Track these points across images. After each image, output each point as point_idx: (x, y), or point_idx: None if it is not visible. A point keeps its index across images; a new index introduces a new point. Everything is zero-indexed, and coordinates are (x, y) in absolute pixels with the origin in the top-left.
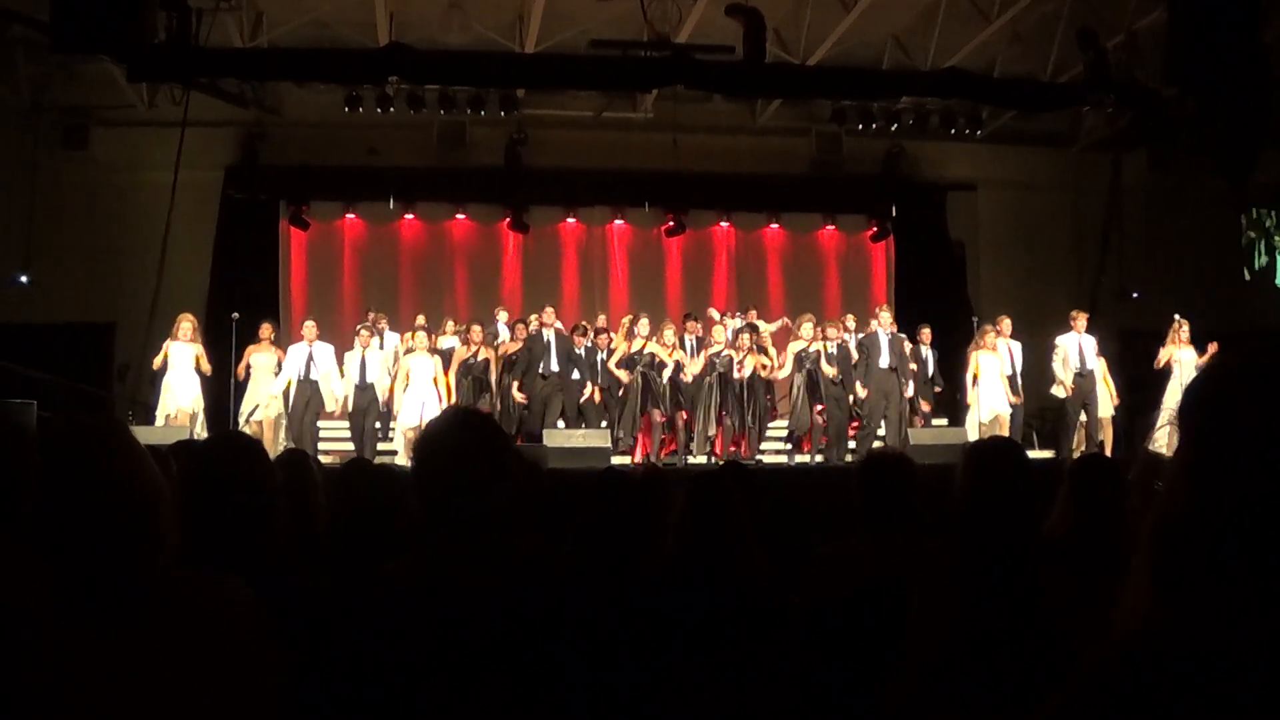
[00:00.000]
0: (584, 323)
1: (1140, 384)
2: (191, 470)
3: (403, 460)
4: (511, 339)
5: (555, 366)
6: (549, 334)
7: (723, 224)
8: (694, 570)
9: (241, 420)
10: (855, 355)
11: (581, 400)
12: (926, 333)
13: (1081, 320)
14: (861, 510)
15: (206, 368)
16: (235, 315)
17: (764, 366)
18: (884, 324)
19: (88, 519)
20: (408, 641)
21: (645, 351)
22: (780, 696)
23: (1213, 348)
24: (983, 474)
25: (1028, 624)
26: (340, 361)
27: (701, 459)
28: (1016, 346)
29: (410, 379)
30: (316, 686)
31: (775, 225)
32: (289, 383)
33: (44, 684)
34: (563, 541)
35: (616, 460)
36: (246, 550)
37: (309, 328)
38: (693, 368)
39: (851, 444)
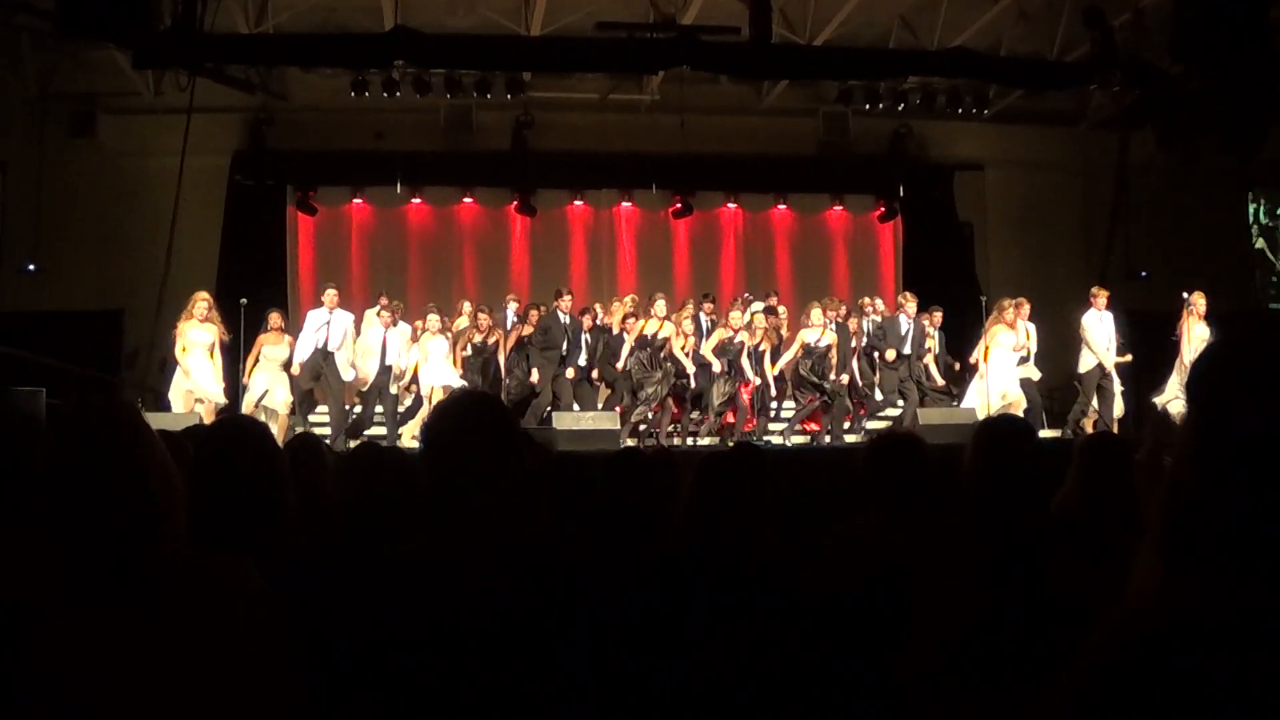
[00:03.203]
0: (595, 305)
1: (1150, 364)
2: (198, 454)
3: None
4: (524, 324)
5: (565, 349)
6: (564, 318)
7: (730, 205)
8: (703, 551)
9: (250, 405)
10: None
11: (571, 379)
12: (938, 316)
13: (1102, 298)
14: (872, 489)
15: (225, 336)
16: (244, 301)
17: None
18: (909, 311)
19: (98, 503)
20: (416, 623)
21: (661, 336)
22: (791, 676)
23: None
24: (992, 453)
25: (1037, 602)
26: (358, 335)
27: (712, 440)
28: (1031, 328)
29: (428, 359)
30: (326, 670)
31: (783, 206)
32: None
33: (56, 670)
34: (574, 523)
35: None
36: (254, 534)
37: (330, 295)
38: (706, 346)
39: (872, 424)
